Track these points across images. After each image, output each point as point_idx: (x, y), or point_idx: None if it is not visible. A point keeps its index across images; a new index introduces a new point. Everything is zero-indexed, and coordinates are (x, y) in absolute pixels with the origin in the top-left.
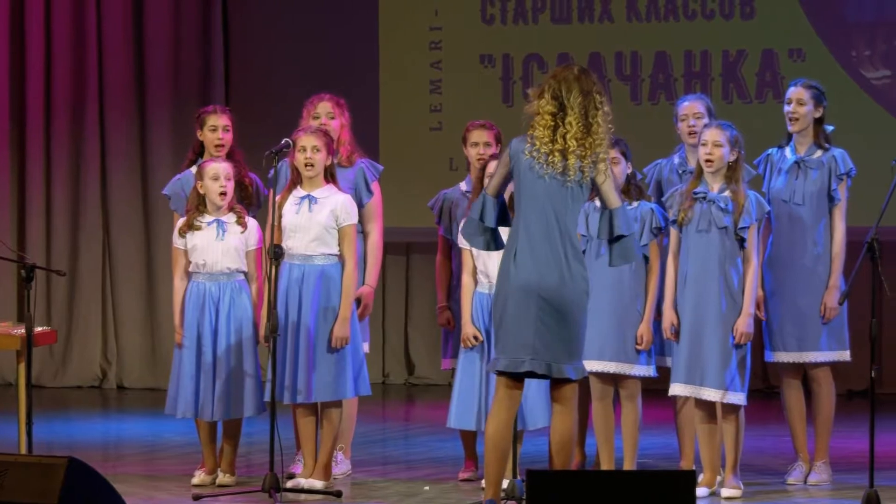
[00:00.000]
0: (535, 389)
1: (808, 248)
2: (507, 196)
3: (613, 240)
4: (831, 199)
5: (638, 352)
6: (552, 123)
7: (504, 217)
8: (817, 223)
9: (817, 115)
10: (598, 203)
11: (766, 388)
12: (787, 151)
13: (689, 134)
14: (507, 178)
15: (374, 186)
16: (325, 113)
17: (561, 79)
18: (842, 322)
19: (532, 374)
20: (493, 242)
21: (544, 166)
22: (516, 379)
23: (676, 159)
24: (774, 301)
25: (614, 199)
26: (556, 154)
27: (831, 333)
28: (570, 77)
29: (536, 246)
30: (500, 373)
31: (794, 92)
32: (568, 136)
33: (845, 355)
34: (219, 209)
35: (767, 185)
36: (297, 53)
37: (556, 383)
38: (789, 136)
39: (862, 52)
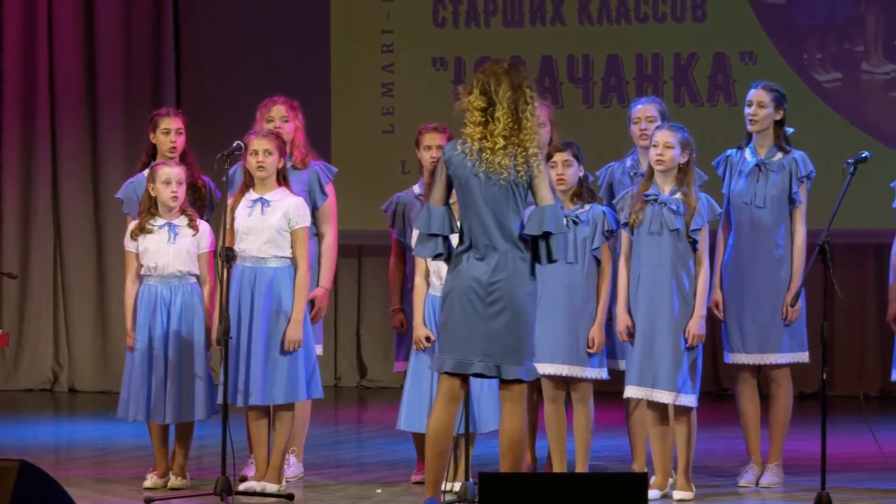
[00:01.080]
0: (487, 391)
1: (769, 251)
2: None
3: (542, 236)
4: (792, 202)
5: (590, 354)
6: (482, 119)
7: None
8: (778, 225)
9: (777, 117)
10: None
11: (717, 390)
12: (747, 153)
13: (642, 137)
14: (448, 184)
15: (329, 189)
16: (279, 116)
17: (490, 73)
18: (802, 323)
19: (481, 375)
20: (447, 251)
21: (477, 164)
22: (462, 379)
23: (629, 162)
24: (735, 302)
25: (546, 196)
26: (487, 151)
27: (792, 335)
28: (499, 71)
29: (481, 247)
30: (446, 373)
31: (755, 94)
32: (496, 133)
33: (804, 357)
34: (171, 212)
35: (727, 187)
36: (249, 56)
37: (506, 384)
38: (748, 138)
39: (813, 55)
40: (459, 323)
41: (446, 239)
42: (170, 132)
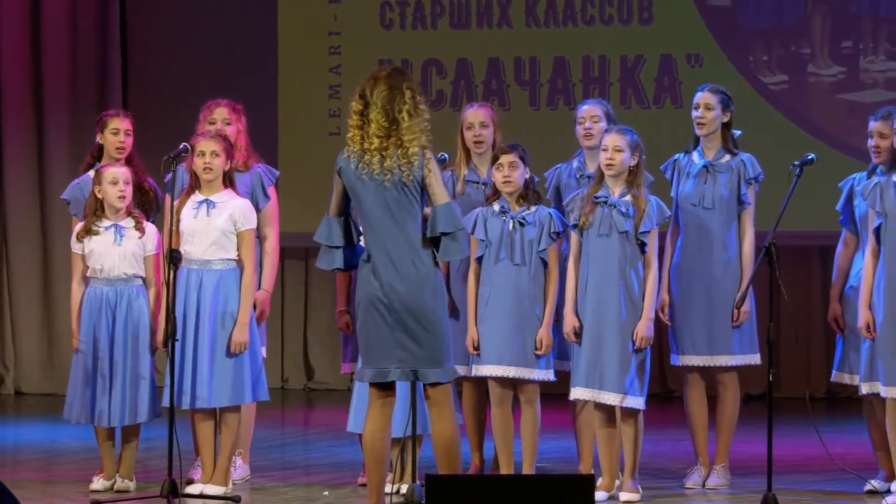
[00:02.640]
0: None
1: (717, 253)
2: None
3: (441, 235)
4: (741, 204)
5: (537, 356)
6: (360, 122)
7: (354, 232)
8: (727, 228)
9: (725, 119)
10: (495, 207)
11: (664, 392)
12: (695, 156)
13: (586, 137)
14: (344, 193)
15: (271, 191)
16: (222, 118)
17: (370, 77)
18: (752, 325)
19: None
20: (345, 263)
21: (360, 168)
22: (388, 386)
23: (575, 164)
24: (684, 305)
25: (439, 195)
26: (367, 153)
27: (742, 337)
28: (380, 76)
29: (382, 253)
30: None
31: (702, 97)
32: (370, 133)
33: (755, 358)
34: (117, 213)
35: (675, 189)
36: (196, 58)
37: (429, 388)
38: (696, 141)
39: (759, 58)
40: (371, 333)
41: (345, 249)
42: (118, 132)
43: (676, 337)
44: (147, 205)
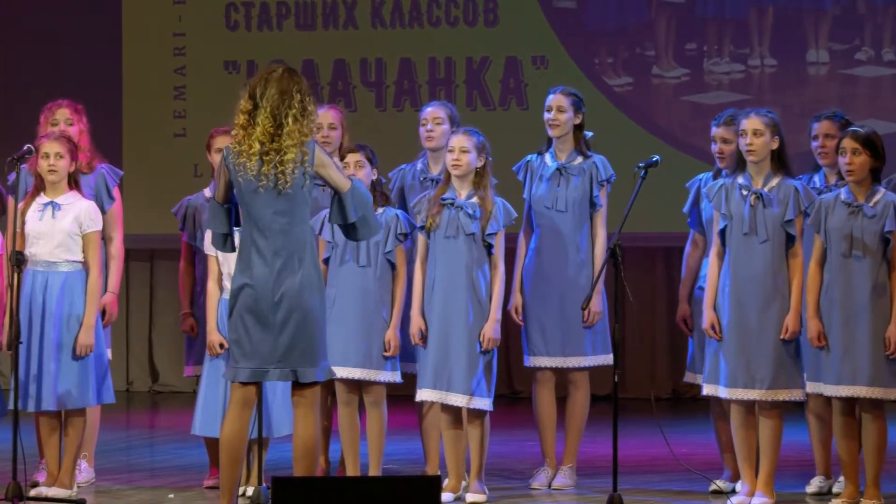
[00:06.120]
0: (280, 397)
1: (570, 255)
2: None
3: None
4: (593, 206)
5: (384, 358)
6: (246, 123)
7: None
8: (579, 229)
9: (577, 121)
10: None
11: (510, 393)
12: (548, 158)
13: (427, 139)
14: (229, 183)
15: (115, 192)
16: (64, 119)
17: (261, 77)
18: (605, 326)
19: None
20: (233, 246)
21: (246, 166)
22: (256, 386)
23: (419, 165)
24: (537, 306)
25: (339, 184)
26: (244, 155)
27: (595, 337)
28: (271, 77)
29: (264, 252)
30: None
31: (554, 99)
32: (253, 136)
33: (609, 359)
34: None
35: (528, 191)
36: (39, 56)
37: (299, 389)
38: (549, 143)
39: (604, 60)
40: (251, 334)
41: (231, 235)
42: None
43: (529, 338)
44: None
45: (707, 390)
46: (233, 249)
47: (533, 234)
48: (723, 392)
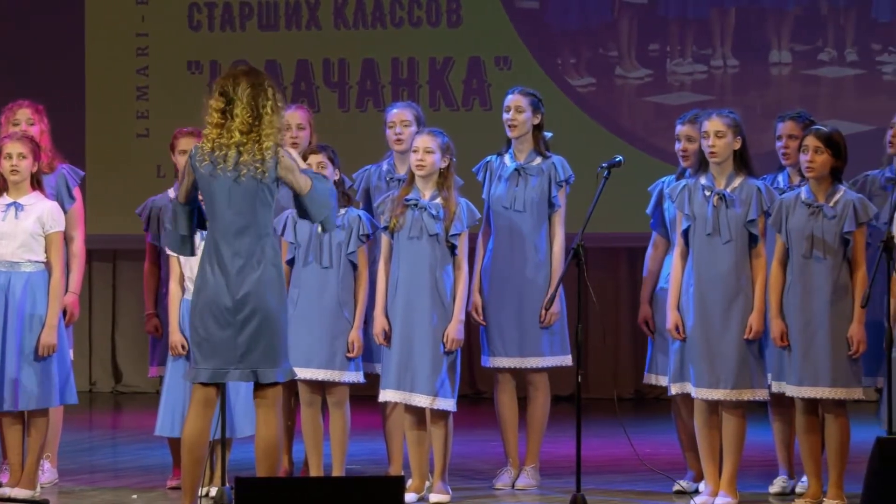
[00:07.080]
0: (244, 397)
1: (528, 255)
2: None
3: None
4: (551, 206)
5: (348, 359)
6: (221, 120)
7: (202, 221)
8: (538, 230)
9: (536, 121)
10: None
11: (473, 393)
12: (507, 158)
13: (396, 141)
14: (194, 184)
15: (76, 192)
16: (25, 119)
17: (228, 76)
18: (563, 327)
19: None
20: (192, 249)
21: (218, 163)
22: (216, 387)
23: (385, 166)
24: (495, 307)
25: (300, 187)
26: (223, 148)
27: (553, 338)
28: (238, 73)
29: (228, 252)
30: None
31: (512, 99)
32: (233, 127)
33: (567, 360)
34: None
35: (487, 192)
36: (0, 56)
37: (261, 390)
38: (508, 143)
39: (567, 60)
40: (212, 334)
41: (191, 237)
42: None
43: (488, 338)
44: None
45: (674, 389)
46: (192, 252)
47: (491, 234)
48: (693, 391)
